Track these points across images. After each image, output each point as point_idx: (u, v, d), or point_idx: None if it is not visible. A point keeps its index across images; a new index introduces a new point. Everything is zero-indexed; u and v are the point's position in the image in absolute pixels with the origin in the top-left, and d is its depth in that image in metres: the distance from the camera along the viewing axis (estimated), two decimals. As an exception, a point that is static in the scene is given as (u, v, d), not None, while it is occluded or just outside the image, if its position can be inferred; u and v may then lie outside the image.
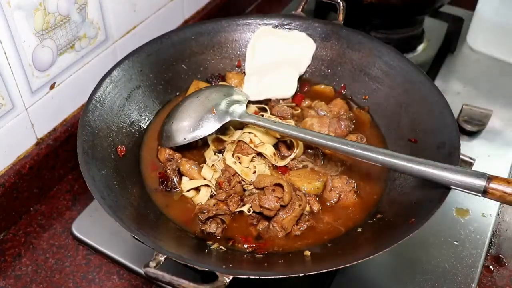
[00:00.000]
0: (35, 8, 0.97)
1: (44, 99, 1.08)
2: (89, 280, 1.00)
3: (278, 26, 1.23)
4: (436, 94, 1.02)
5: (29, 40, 0.98)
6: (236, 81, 1.20)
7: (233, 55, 1.24)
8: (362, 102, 1.16)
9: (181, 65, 1.18)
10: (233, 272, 0.74)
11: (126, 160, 1.00)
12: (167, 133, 1.03)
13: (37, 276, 1.00)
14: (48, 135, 1.13)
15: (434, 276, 0.99)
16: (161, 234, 0.87)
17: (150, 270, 0.74)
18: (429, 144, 0.97)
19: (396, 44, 1.25)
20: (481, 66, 1.49)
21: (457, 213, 1.10)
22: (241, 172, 0.97)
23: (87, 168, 0.89)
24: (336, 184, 0.97)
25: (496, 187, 0.79)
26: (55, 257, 1.03)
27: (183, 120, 1.03)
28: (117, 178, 0.94)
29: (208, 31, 1.21)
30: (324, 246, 0.90)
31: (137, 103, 1.09)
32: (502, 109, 1.34)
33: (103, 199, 0.85)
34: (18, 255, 1.04)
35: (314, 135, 0.94)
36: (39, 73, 1.04)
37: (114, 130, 1.01)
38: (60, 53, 1.07)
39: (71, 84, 1.13)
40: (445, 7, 1.44)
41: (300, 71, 1.21)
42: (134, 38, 1.26)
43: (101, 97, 1.02)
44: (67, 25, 1.05)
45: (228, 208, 0.94)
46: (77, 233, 1.06)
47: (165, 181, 0.99)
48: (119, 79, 1.06)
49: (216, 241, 0.90)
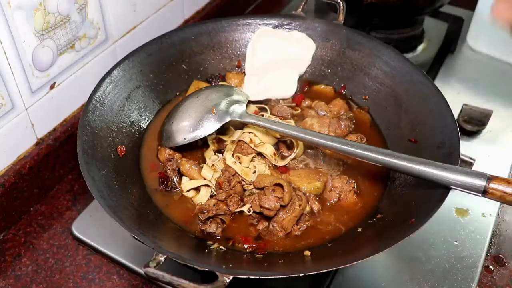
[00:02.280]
0: (35, 8, 0.97)
1: (44, 99, 1.08)
2: (89, 280, 1.00)
3: (278, 26, 1.23)
4: (436, 94, 1.02)
5: (29, 40, 0.98)
6: (236, 81, 1.20)
7: (233, 55, 1.24)
8: (362, 102, 1.16)
9: (181, 65, 1.19)
10: (233, 272, 0.74)
11: (126, 160, 1.00)
12: (167, 133, 1.03)
13: (37, 276, 1.00)
14: (48, 135, 1.13)
15: (434, 276, 0.99)
16: (161, 234, 0.87)
17: (150, 270, 0.74)
18: (429, 144, 0.97)
19: (396, 44, 1.25)
20: (481, 66, 1.49)
21: (457, 213, 1.10)
22: (241, 172, 0.97)
23: (87, 168, 0.89)
24: (336, 184, 0.97)
25: (496, 187, 0.79)
26: (55, 257, 1.03)
27: (183, 120, 1.03)
28: (117, 178, 0.94)
29: (208, 31, 1.21)
30: (324, 246, 0.89)
31: (137, 103, 1.09)
32: (502, 109, 1.34)
33: (103, 199, 0.85)
34: (18, 255, 1.04)
35: (314, 135, 0.94)
36: (39, 73, 1.04)
37: (114, 130, 1.01)
38: (60, 53, 1.07)
39: (71, 84, 1.13)
40: (445, 7, 1.44)
41: (300, 71, 1.21)
42: (134, 38, 1.26)
43: (101, 97, 1.02)
44: (67, 25, 1.05)
45: (228, 208, 0.94)
46: (77, 233, 1.06)
47: (165, 181, 0.99)
48: (119, 79, 1.06)
49: (216, 241, 0.90)
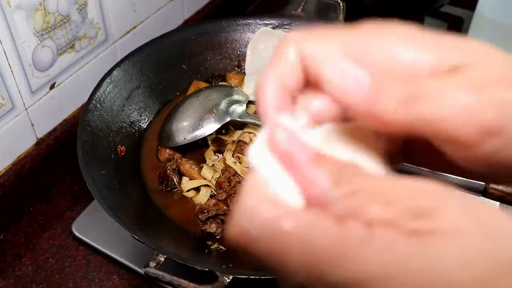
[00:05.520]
0: (35, 8, 0.97)
1: (44, 99, 1.08)
2: (89, 280, 1.00)
3: (278, 26, 1.23)
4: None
5: (29, 40, 0.98)
6: (236, 81, 1.20)
7: (233, 55, 1.24)
8: (362, 102, 1.16)
9: (181, 65, 1.19)
10: (233, 272, 0.74)
11: (126, 160, 1.00)
12: (167, 133, 1.03)
13: (37, 276, 1.00)
14: (48, 135, 1.13)
15: (434, 276, 0.99)
16: (161, 234, 0.87)
17: (150, 270, 0.74)
18: (429, 144, 0.97)
19: (396, 44, 1.24)
20: (481, 66, 1.49)
21: (457, 213, 1.10)
22: (241, 172, 0.97)
23: (87, 168, 0.89)
24: (336, 184, 0.97)
25: (496, 187, 0.79)
26: (55, 257, 1.03)
27: (183, 120, 1.03)
28: (117, 178, 0.94)
29: (208, 31, 1.21)
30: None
31: (137, 103, 1.09)
32: (502, 109, 1.34)
33: (103, 199, 0.85)
34: (18, 255, 1.04)
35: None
36: (39, 73, 1.04)
37: (114, 130, 1.01)
38: (60, 53, 1.07)
39: (71, 84, 1.13)
40: (445, 7, 1.44)
41: (300, 71, 1.21)
42: (134, 38, 1.26)
43: (101, 97, 1.02)
44: (67, 25, 1.05)
45: (228, 208, 0.94)
46: (77, 233, 1.06)
47: (165, 181, 0.99)
48: (119, 79, 1.06)
49: (216, 241, 0.90)
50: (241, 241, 0.29)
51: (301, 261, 0.27)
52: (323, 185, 0.29)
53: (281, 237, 0.28)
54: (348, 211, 0.28)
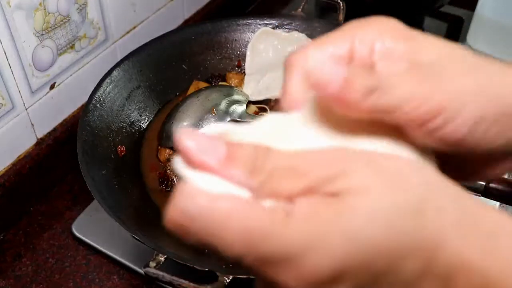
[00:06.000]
0: (35, 8, 0.97)
1: (44, 99, 1.08)
2: (89, 280, 1.00)
3: (278, 26, 1.23)
4: (436, 94, 1.02)
5: (29, 40, 0.98)
6: (236, 81, 1.20)
7: (233, 55, 1.24)
8: (362, 102, 1.16)
9: (181, 65, 1.18)
10: (233, 272, 0.74)
11: (126, 160, 1.00)
12: (167, 133, 1.03)
13: (37, 276, 1.00)
14: (48, 135, 1.13)
15: (434, 276, 0.99)
16: (161, 234, 0.87)
17: (150, 270, 0.74)
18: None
19: (396, 44, 1.24)
20: (481, 66, 1.49)
21: (457, 213, 1.10)
22: (241, 172, 0.97)
23: (87, 168, 0.89)
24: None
25: (496, 187, 0.79)
26: (55, 257, 1.03)
27: (183, 120, 1.03)
28: (117, 178, 0.94)
29: (208, 31, 1.21)
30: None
31: (137, 103, 1.09)
32: (502, 109, 1.34)
33: (103, 199, 0.85)
34: (18, 255, 1.04)
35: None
36: (39, 73, 1.04)
37: (114, 130, 1.01)
38: (60, 53, 1.07)
39: (71, 84, 1.13)
40: (445, 7, 1.44)
41: (300, 71, 1.21)
42: (134, 38, 1.26)
43: (101, 97, 1.02)
44: (67, 25, 1.05)
45: (228, 208, 0.94)
46: (77, 233, 1.06)
47: (165, 181, 0.99)
48: (119, 79, 1.06)
49: (216, 241, 0.90)
50: (180, 221, 0.31)
51: (237, 240, 0.30)
52: (240, 180, 0.32)
53: (218, 217, 0.30)
54: (270, 193, 0.31)
